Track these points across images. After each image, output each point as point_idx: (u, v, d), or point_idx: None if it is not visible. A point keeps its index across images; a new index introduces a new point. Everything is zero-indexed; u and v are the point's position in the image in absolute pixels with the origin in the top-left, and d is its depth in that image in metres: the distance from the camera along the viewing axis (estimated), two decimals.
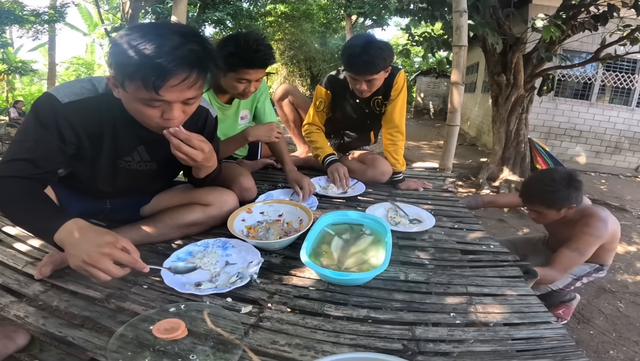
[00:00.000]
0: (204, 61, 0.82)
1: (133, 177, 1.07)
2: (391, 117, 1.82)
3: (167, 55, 0.75)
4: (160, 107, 0.83)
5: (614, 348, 1.79)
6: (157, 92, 0.78)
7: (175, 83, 0.78)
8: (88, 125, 0.90)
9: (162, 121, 0.85)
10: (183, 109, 0.86)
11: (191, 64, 0.79)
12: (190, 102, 0.86)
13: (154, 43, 0.75)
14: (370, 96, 1.80)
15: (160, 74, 0.75)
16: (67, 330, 0.78)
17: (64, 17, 6.99)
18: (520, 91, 4.19)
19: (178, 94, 0.81)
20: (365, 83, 1.63)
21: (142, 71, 0.75)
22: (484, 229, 1.46)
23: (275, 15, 13.26)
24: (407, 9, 4.23)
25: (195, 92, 0.85)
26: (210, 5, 9.71)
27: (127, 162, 1.02)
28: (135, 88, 0.79)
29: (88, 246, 0.73)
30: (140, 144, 1.02)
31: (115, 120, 0.93)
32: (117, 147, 0.98)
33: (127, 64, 0.76)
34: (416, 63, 20.23)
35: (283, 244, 1.17)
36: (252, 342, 0.78)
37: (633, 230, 3.38)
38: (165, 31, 0.78)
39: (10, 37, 8.68)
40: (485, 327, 0.87)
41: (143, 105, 0.82)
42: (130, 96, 0.81)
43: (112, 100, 0.88)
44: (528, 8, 5.36)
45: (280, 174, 2.00)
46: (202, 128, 1.12)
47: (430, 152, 6.71)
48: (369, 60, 1.55)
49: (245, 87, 1.48)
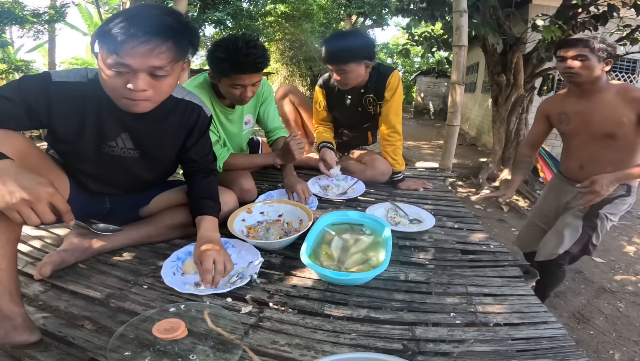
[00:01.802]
0: (173, 30, 0.82)
1: (118, 165, 1.06)
2: (387, 118, 1.83)
3: (136, 19, 0.78)
4: (126, 75, 0.82)
5: (614, 348, 1.79)
6: (118, 54, 0.78)
7: (136, 45, 0.78)
8: (70, 106, 0.92)
9: (128, 92, 0.83)
10: (151, 83, 0.84)
11: (157, 31, 0.80)
12: (157, 73, 0.84)
13: (132, 12, 0.80)
14: (361, 94, 1.83)
15: (123, 35, 0.77)
16: (67, 330, 0.78)
17: (64, 17, 6.98)
18: (520, 91, 4.19)
19: (141, 59, 0.80)
20: (337, 73, 1.71)
21: (110, 33, 0.78)
22: (484, 229, 1.47)
23: (275, 15, 13.25)
24: (407, 8, 4.23)
25: (162, 62, 0.82)
26: (210, 5, 9.70)
27: (110, 147, 1.02)
28: (103, 52, 0.81)
29: (31, 184, 0.67)
30: (125, 131, 1.02)
31: (101, 104, 0.94)
32: (101, 132, 0.98)
33: (101, 29, 0.80)
34: (416, 63, 20.24)
35: (283, 244, 1.17)
36: (252, 342, 0.78)
37: (633, 230, 3.38)
38: (149, 7, 0.83)
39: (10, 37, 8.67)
40: (485, 327, 0.87)
41: (110, 71, 0.82)
42: (101, 63, 0.82)
43: (99, 85, 0.89)
44: (528, 8, 5.35)
45: (280, 174, 1.99)
46: (194, 124, 1.12)
47: (430, 152, 6.71)
48: (335, 50, 1.66)
49: (241, 92, 1.40)
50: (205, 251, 0.95)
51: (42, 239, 1.19)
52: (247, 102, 1.47)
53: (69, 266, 1.01)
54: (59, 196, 0.70)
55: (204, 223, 1.06)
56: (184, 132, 1.12)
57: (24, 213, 0.66)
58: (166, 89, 0.90)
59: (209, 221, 1.07)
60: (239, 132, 1.69)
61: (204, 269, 0.93)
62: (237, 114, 1.63)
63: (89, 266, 1.04)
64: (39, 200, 0.67)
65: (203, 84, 1.49)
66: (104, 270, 1.03)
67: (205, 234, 1.03)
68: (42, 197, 0.67)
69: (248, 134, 1.80)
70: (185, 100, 1.09)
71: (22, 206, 0.66)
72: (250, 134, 1.84)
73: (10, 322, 0.70)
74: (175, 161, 1.20)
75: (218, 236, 1.06)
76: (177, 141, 1.12)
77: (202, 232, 1.04)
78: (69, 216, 0.72)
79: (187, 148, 1.14)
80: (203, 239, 1.01)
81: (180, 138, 1.12)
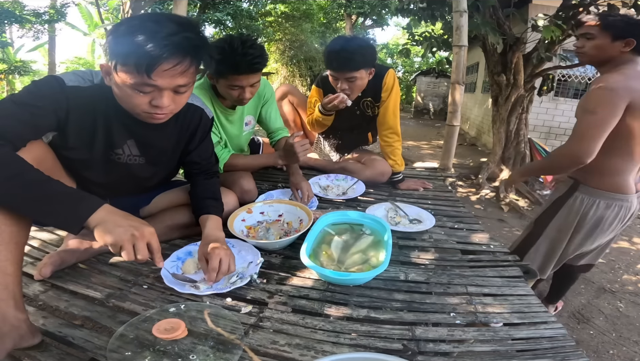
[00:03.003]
0: (197, 48, 0.82)
1: (124, 172, 1.06)
2: (384, 119, 1.82)
3: (162, 40, 0.76)
4: (151, 94, 0.82)
5: (614, 348, 1.79)
6: (148, 76, 0.77)
7: (167, 68, 0.79)
8: (83, 113, 0.90)
9: (150, 108, 0.84)
10: (173, 98, 0.86)
11: (184, 50, 0.80)
12: (181, 90, 0.86)
13: (151, 29, 0.77)
14: (358, 98, 1.79)
15: (153, 58, 0.76)
16: (67, 330, 0.78)
17: (64, 17, 6.98)
18: (520, 91, 4.19)
19: (170, 79, 0.81)
20: (345, 82, 1.62)
21: (135, 53, 0.76)
22: (484, 229, 1.47)
23: (275, 15, 13.25)
24: (407, 8, 4.22)
25: (187, 79, 0.84)
26: (210, 5, 9.70)
27: (117, 155, 1.02)
28: (126, 72, 0.79)
29: (136, 224, 0.76)
30: (131, 138, 1.02)
31: (108, 111, 0.93)
32: (110, 139, 0.98)
33: (122, 47, 0.78)
34: (416, 63, 20.23)
35: (283, 244, 1.17)
36: (252, 342, 0.78)
37: (633, 230, 3.38)
38: (163, 19, 0.80)
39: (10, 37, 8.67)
40: (485, 327, 0.87)
41: (133, 91, 0.81)
42: (121, 81, 0.81)
43: (105, 91, 0.88)
44: (528, 8, 5.35)
45: (280, 174, 2.00)
46: (197, 127, 1.12)
47: (430, 152, 6.70)
48: (347, 56, 1.56)
49: (239, 93, 1.37)
50: (214, 249, 0.95)
51: (42, 239, 1.19)
52: (246, 103, 1.46)
53: (69, 266, 1.01)
54: (156, 237, 0.78)
55: (209, 222, 1.07)
56: (186, 135, 1.12)
57: (127, 248, 0.73)
58: (185, 101, 0.92)
59: (213, 221, 1.08)
60: (239, 133, 1.68)
61: (210, 267, 0.93)
62: (237, 115, 1.62)
63: (89, 266, 1.04)
64: (142, 238, 0.75)
65: (203, 85, 1.49)
66: (104, 270, 1.03)
67: (211, 233, 1.04)
68: (145, 236, 0.75)
69: (248, 135, 1.79)
70: (187, 103, 1.09)
71: (127, 242, 0.73)
72: (250, 135, 1.83)
73: (17, 331, 0.70)
74: (178, 164, 1.20)
75: (223, 235, 1.06)
76: (180, 144, 1.13)
77: (207, 230, 1.04)
78: (159, 257, 0.79)
79: (190, 151, 1.14)
80: (209, 238, 1.01)
81: (183, 141, 1.12)
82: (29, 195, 0.71)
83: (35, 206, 0.71)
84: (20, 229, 0.74)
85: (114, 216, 0.75)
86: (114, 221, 0.74)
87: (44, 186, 0.72)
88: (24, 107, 0.79)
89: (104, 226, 0.73)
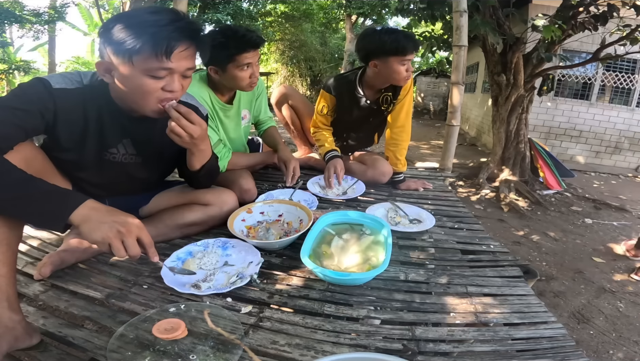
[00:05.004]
0: (198, 32, 0.88)
1: (119, 171, 1.06)
2: (398, 116, 1.82)
3: (171, 25, 0.81)
4: (164, 79, 0.86)
5: (614, 348, 1.79)
6: (168, 58, 0.81)
7: (181, 50, 0.83)
8: (72, 114, 0.90)
9: (162, 94, 0.87)
10: (182, 83, 0.90)
11: (190, 34, 0.85)
12: (188, 73, 0.90)
13: (154, 18, 0.81)
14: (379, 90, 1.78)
15: (170, 40, 0.81)
16: (67, 330, 0.78)
17: (64, 17, 6.98)
18: (520, 91, 4.18)
19: (183, 61, 0.86)
20: (410, 64, 1.66)
21: (152, 39, 0.79)
22: (484, 229, 1.46)
23: (275, 15, 13.26)
24: (407, 8, 4.23)
25: (192, 63, 0.90)
26: (210, 5, 9.71)
27: (112, 154, 1.02)
28: (144, 59, 0.81)
29: (123, 219, 0.73)
30: (126, 137, 1.02)
31: (101, 111, 0.94)
32: (102, 139, 0.98)
33: (135, 37, 0.79)
34: (416, 63, 20.23)
35: (283, 244, 1.17)
36: (252, 342, 0.78)
37: (633, 230, 3.38)
38: (159, 10, 0.84)
39: (10, 37, 8.67)
40: (485, 327, 0.87)
41: (147, 77, 0.84)
42: (133, 71, 0.82)
43: (97, 91, 0.89)
44: (528, 8, 5.36)
45: (280, 174, 2.00)
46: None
47: (430, 152, 6.70)
48: (413, 37, 1.61)
49: (251, 73, 1.47)
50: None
51: (42, 239, 1.19)
52: (255, 83, 1.53)
53: (69, 266, 1.01)
54: (146, 230, 0.76)
55: None
56: None
57: (115, 245, 0.71)
58: (188, 86, 0.95)
59: None
60: (237, 127, 1.73)
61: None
62: (234, 110, 1.67)
63: (89, 266, 1.04)
64: (130, 233, 0.72)
65: (202, 81, 1.53)
66: (104, 270, 1.03)
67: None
68: (133, 231, 0.73)
69: (246, 129, 1.84)
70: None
71: (114, 239, 0.70)
72: (248, 128, 1.87)
73: (12, 333, 0.69)
74: (174, 162, 1.20)
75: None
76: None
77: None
78: (153, 251, 0.78)
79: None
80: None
81: None
82: (9, 195, 0.69)
83: (17, 206, 0.70)
84: (11, 230, 0.72)
85: (97, 212, 0.72)
86: (97, 218, 0.71)
87: (25, 185, 0.71)
88: (10, 110, 0.78)
89: (88, 224, 0.70)
